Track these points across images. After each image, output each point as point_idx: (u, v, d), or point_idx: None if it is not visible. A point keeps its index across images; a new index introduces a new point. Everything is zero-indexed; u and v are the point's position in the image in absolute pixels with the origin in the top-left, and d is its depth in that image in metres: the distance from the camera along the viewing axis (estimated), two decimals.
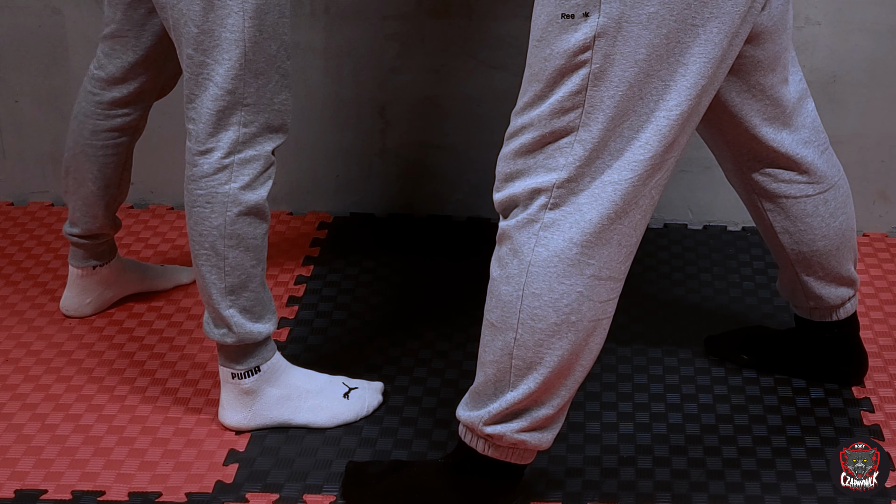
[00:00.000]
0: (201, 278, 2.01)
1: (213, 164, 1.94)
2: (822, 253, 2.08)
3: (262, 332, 2.04)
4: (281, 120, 1.98)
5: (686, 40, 1.64)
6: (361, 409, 2.15)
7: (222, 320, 2.02)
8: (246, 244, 1.99)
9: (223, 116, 1.93)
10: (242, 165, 1.95)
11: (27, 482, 2.00)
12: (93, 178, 2.30)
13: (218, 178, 1.95)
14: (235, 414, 2.10)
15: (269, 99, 1.95)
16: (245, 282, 2.01)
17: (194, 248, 2.00)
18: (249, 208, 1.97)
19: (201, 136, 1.94)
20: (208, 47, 1.90)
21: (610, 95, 1.66)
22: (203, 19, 1.88)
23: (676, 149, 1.72)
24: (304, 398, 2.12)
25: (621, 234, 1.73)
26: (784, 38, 1.87)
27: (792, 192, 2.03)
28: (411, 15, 2.71)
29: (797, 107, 1.96)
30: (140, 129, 2.31)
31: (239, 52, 1.89)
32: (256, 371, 2.07)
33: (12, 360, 2.32)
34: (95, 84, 2.24)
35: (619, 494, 1.99)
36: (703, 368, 2.31)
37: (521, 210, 1.75)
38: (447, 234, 2.81)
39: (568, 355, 1.77)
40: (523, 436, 1.83)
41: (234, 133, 1.94)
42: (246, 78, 1.91)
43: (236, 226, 1.97)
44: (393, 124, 2.82)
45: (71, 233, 2.37)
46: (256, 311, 2.04)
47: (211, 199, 1.95)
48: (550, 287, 1.73)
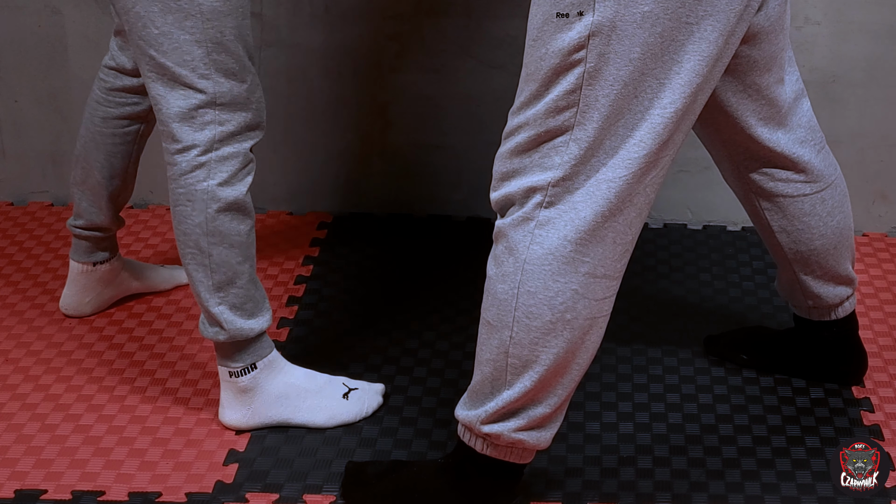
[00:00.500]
0: (190, 277, 2.03)
1: (191, 161, 1.96)
2: (820, 252, 2.08)
3: (254, 328, 2.05)
4: (258, 118, 2.00)
5: (680, 38, 1.64)
6: (360, 410, 2.15)
7: (213, 318, 2.03)
8: (230, 241, 2.00)
9: (196, 116, 1.94)
10: (220, 163, 1.97)
11: (27, 482, 2.00)
12: (99, 167, 2.31)
13: (196, 176, 1.96)
14: (234, 413, 2.11)
15: (245, 98, 1.96)
16: (232, 278, 2.01)
17: (181, 247, 2.02)
18: (229, 204, 1.98)
19: (176, 135, 1.96)
20: (168, 49, 1.91)
21: (605, 94, 1.66)
22: (162, 21, 1.90)
23: (672, 147, 1.72)
24: (303, 398, 2.12)
25: (616, 231, 1.73)
26: (781, 39, 1.87)
27: (789, 191, 2.03)
28: (411, 15, 2.72)
29: (793, 106, 1.97)
30: (150, 122, 2.32)
31: (202, 52, 1.91)
32: (253, 368, 2.07)
33: (12, 360, 2.32)
34: (107, 73, 2.28)
35: (619, 494, 1.99)
36: (703, 368, 2.31)
37: (516, 209, 1.75)
38: (447, 234, 2.81)
39: (564, 354, 1.77)
40: (521, 435, 1.83)
41: (210, 132, 1.95)
42: (215, 78, 1.93)
43: (217, 222, 1.98)
44: (393, 124, 2.82)
45: (75, 225, 2.38)
46: (247, 307, 2.04)
47: (191, 196, 1.97)
48: (545, 285, 1.73)
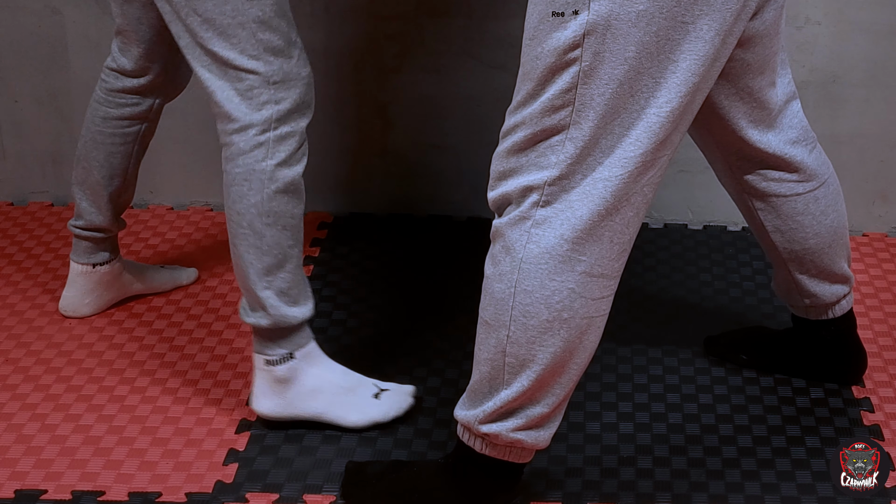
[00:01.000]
0: (239, 259, 2.01)
1: (250, 140, 1.96)
2: (815, 251, 2.08)
3: (297, 316, 2.04)
4: (309, 95, 2.00)
5: (676, 37, 1.64)
6: (391, 410, 2.13)
7: (258, 302, 2.02)
8: (283, 222, 1.99)
9: (252, 97, 1.95)
10: (278, 142, 1.97)
11: (27, 482, 2.00)
12: (98, 167, 2.31)
13: (255, 155, 1.96)
14: (268, 402, 2.09)
15: (297, 73, 1.97)
16: (282, 262, 2.00)
17: (232, 227, 2.00)
18: (287, 185, 1.98)
19: (234, 115, 1.95)
20: (213, 34, 1.92)
21: (600, 93, 1.66)
22: (203, 7, 1.90)
23: (669, 147, 1.72)
24: (337, 394, 2.11)
25: (613, 231, 1.73)
26: (775, 43, 1.87)
27: (782, 190, 2.03)
28: (411, 15, 2.72)
29: (783, 108, 1.97)
30: (152, 122, 2.33)
31: (246, 33, 1.91)
32: (290, 358, 2.06)
33: (12, 360, 2.32)
34: (109, 74, 2.28)
35: (619, 494, 1.99)
36: (703, 368, 2.31)
37: (513, 207, 1.75)
38: (447, 234, 2.81)
39: (561, 353, 1.77)
40: (519, 434, 1.83)
41: (268, 111, 1.95)
42: (265, 57, 1.93)
43: (274, 203, 1.98)
44: (393, 124, 2.82)
45: (75, 225, 2.38)
46: (293, 293, 2.03)
47: (249, 176, 1.96)
48: (542, 284, 1.73)
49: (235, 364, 2.31)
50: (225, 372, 2.29)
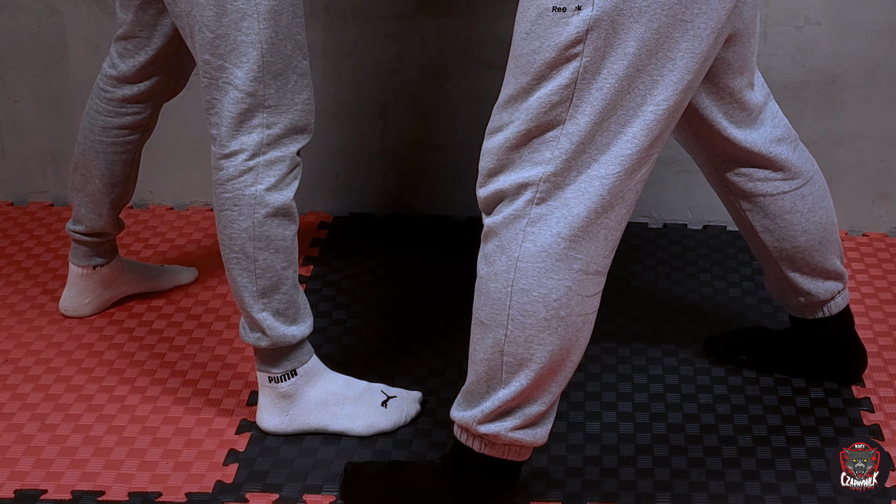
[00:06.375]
0: (233, 282, 2.01)
1: (239, 166, 1.95)
2: (805, 248, 2.08)
3: (296, 335, 2.04)
4: (305, 120, 1.98)
5: (675, 35, 1.65)
6: (399, 418, 2.13)
7: (255, 324, 2.02)
8: (275, 246, 1.99)
9: (245, 119, 1.93)
10: (268, 167, 1.95)
11: (27, 482, 2.00)
12: (99, 175, 2.30)
13: (244, 181, 1.95)
14: (273, 418, 2.10)
15: (290, 100, 1.95)
16: (276, 284, 2.00)
17: (224, 252, 2.00)
18: (277, 209, 1.97)
19: (224, 140, 1.94)
20: (225, 51, 1.90)
21: (598, 88, 1.66)
22: (217, 24, 1.89)
23: (660, 143, 1.73)
24: (342, 404, 2.11)
25: (608, 227, 1.73)
26: (753, 42, 1.89)
27: (768, 189, 2.04)
28: (411, 15, 2.72)
29: (763, 108, 1.98)
30: (150, 129, 2.32)
31: (256, 54, 1.90)
32: (293, 374, 2.07)
33: (12, 360, 2.32)
34: (107, 82, 2.25)
35: (619, 494, 1.99)
36: (703, 368, 2.31)
37: (506, 205, 1.74)
38: (447, 234, 2.81)
39: (558, 351, 1.77)
40: (518, 434, 1.83)
41: (257, 135, 1.94)
42: (265, 80, 1.92)
43: (264, 227, 1.97)
44: (393, 124, 2.82)
45: (74, 230, 2.37)
46: (290, 313, 2.03)
47: (238, 201, 1.96)
48: (539, 282, 1.73)
49: (235, 364, 2.31)
50: (225, 372, 2.29)
